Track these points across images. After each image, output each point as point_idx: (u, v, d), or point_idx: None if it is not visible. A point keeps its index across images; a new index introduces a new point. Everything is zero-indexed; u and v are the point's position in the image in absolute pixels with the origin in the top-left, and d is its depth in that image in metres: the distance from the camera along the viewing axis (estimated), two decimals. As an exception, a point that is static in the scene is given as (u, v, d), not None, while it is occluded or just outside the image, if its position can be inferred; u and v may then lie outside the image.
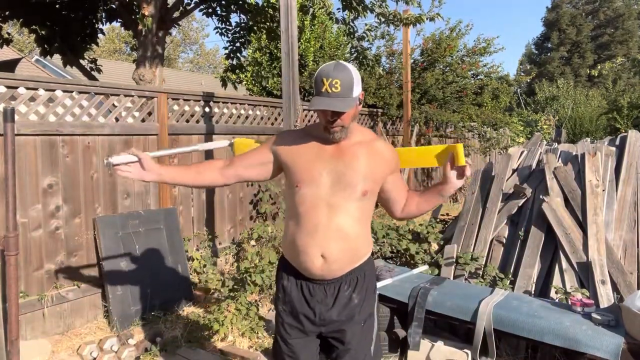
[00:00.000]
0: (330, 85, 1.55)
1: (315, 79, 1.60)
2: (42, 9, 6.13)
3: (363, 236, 1.73)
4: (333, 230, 1.63)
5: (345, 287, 1.70)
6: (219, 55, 35.05)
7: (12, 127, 2.45)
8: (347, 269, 1.70)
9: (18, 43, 22.11)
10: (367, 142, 1.72)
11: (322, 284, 1.69)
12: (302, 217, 1.66)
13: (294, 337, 1.74)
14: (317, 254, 1.64)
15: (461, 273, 3.74)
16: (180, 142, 4.51)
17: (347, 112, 1.59)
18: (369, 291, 1.76)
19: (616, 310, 2.62)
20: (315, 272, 1.66)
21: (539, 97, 19.99)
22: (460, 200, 9.31)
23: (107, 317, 3.69)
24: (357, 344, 1.73)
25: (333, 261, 1.64)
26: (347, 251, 1.67)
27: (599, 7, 30.68)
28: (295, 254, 1.70)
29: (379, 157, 1.72)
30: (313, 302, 1.70)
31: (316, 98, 1.58)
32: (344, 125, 1.62)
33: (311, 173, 1.65)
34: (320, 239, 1.63)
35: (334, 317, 1.69)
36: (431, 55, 9.43)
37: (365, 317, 1.75)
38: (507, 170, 4.05)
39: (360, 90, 1.63)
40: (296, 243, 1.68)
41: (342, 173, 1.64)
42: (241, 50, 7.04)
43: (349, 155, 1.67)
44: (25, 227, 3.35)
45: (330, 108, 1.55)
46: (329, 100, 1.56)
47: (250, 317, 3.41)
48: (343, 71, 1.57)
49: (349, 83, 1.57)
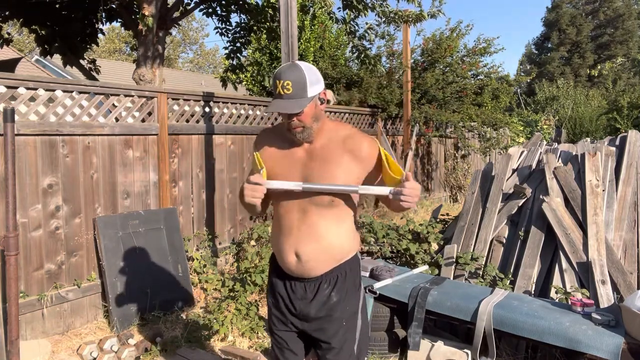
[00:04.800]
0: (282, 87, 1.56)
1: (272, 82, 1.61)
2: (42, 9, 6.13)
3: (342, 235, 1.72)
4: (305, 232, 1.68)
5: (325, 285, 1.73)
6: (219, 55, 35.07)
7: (12, 127, 2.45)
8: (325, 268, 1.71)
9: (18, 43, 22.11)
10: (340, 141, 1.67)
11: (303, 282, 1.74)
12: (280, 218, 1.73)
13: (281, 329, 1.81)
14: (291, 252, 1.70)
15: (461, 273, 3.74)
16: (180, 142, 4.52)
17: (303, 113, 1.58)
18: (350, 290, 1.76)
19: (616, 310, 2.62)
20: (293, 270, 1.72)
21: (539, 97, 19.99)
22: (460, 200, 9.32)
23: (107, 317, 3.69)
24: (338, 343, 1.73)
25: (306, 261, 1.69)
26: (321, 251, 1.68)
27: (599, 7, 30.68)
28: (277, 252, 1.79)
29: (353, 156, 1.65)
30: (294, 299, 1.75)
31: (273, 100, 1.60)
32: (304, 126, 1.62)
33: (285, 179, 1.67)
34: (293, 240, 1.69)
35: (312, 313, 1.73)
36: (431, 56, 9.43)
37: (347, 316, 1.75)
38: (507, 170, 4.05)
39: (319, 90, 1.62)
40: (276, 243, 1.77)
41: (311, 180, 1.65)
42: (241, 50, 7.05)
43: (318, 160, 1.66)
44: (25, 227, 3.35)
45: (281, 110, 1.56)
46: (282, 102, 1.57)
47: (250, 317, 3.41)
48: (295, 72, 1.57)
49: (301, 83, 1.56)
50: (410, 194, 1.54)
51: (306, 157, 1.69)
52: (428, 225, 4.31)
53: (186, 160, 4.59)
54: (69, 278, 3.61)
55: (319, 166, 1.65)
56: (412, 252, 4.07)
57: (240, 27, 6.97)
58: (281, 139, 1.74)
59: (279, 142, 1.74)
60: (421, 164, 9.08)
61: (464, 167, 9.69)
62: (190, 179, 4.64)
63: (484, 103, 10.18)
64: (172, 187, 4.44)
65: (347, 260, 1.76)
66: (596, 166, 3.65)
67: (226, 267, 4.83)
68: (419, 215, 7.28)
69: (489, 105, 10.26)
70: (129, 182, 4.06)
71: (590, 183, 3.58)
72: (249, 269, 3.79)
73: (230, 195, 5.04)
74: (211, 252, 4.66)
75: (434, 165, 9.45)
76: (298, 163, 1.68)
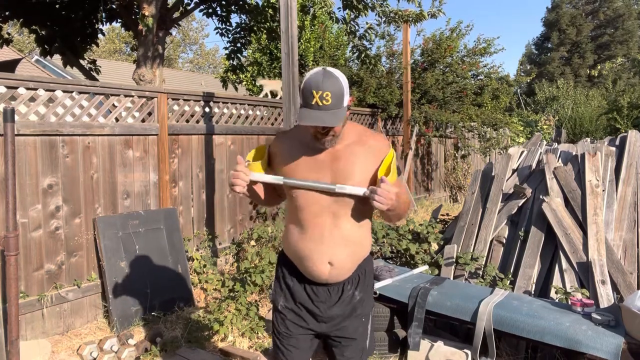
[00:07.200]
0: (320, 97, 1.48)
1: (304, 90, 1.51)
2: (42, 9, 6.13)
3: (365, 238, 1.75)
4: (338, 237, 1.64)
5: (348, 286, 1.73)
6: (219, 55, 35.08)
7: (12, 127, 2.45)
8: (352, 271, 1.73)
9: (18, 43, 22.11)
10: (359, 141, 1.67)
11: (327, 286, 1.72)
12: (306, 224, 1.66)
13: (296, 333, 1.76)
14: (324, 261, 1.65)
15: (461, 273, 3.74)
16: (180, 142, 4.52)
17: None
18: (369, 288, 1.81)
19: (616, 310, 2.62)
20: (322, 277, 1.68)
21: (539, 97, 19.98)
22: (460, 200, 9.32)
23: (107, 317, 3.69)
24: (359, 337, 1.78)
25: (341, 267, 1.67)
26: (352, 256, 1.70)
27: (599, 7, 30.66)
28: (299, 259, 1.71)
29: (372, 155, 1.66)
30: (317, 301, 1.73)
31: (305, 110, 1.51)
32: (335, 134, 1.59)
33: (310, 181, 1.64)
34: (326, 247, 1.64)
35: (338, 312, 1.72)
36: (431, 56, 9.43)
37: (366, 313, 1.79)
38: (507, 170, 4.05)
39: (349, 97, 1.58)
40: (301, 249, 1.69)
41: (337, 181, 1.62)
42: (242, 50, 7.05)
43: (343, 160, 1.64)
44: (25, 227, 3.35)
45: (324, 124, 1.50)
46: (320, 113, 1.49)
47: (250, 317, 3.41)
48: (333, 82, 1.50)
49: (340, 94, 1.51)
50: (383, 195, 1.50)
51: (330, 158, 1.65)
52: (428, 225, 4.31)
53: (186, 161, 4.59)
54: (69, 278, 3.61)
55: (343, 166, 1.63)
56: (412, 252, 4.07)
57: (240, 27, 6.98)
58: (300, 143, 1.68)
59: (298, 146, 1.68)
60: (421, 164, 9.08)
61: (464, 167, 9.69)
62: (190, 179, 4.64)
63: (484, 103, 10.18)
64: (172, 187, 4.44)
65: (366, 258, 1.78)
66: (596, 166, 3.65)
67: (226, 267, 4.83)
68: (419, 215, 7.28)
69: (489, 105, 10.26)
70: (129, 182, 4.06)
71: (590, 183, 3.58)
72: (249, 269, 3.79)
73: (231, 195, 5.04)
74: (211, 252, 4.66)
75: (434, 165, 9.45)
76: (322, 165, 1.64)
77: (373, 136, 1.71)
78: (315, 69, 1.55)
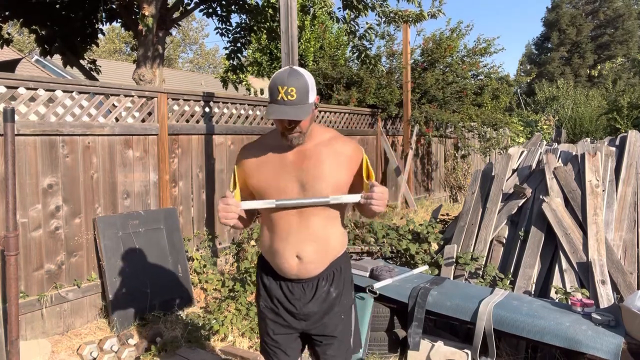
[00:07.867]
0: (285, 92, 1.54)
1: (270, 87, 1.58)
2: (42, 9, 6.13)
3: (336, 234, 1.77)
4: (305, 233, 1.69)
5: (322, 282, 1.76)
6: (219, 55, 35.10)
7: (12, 127, 2.45)
8: (324, 267, 1.75)
9: (18, 43, 22.12)
10: (327, 142, 1.72)
11: (300, 282, 1.75)
12: (275, 223, 1.72)
13: (278, 332, 1.80)
14: (292, 255, 1.70)
15: (461, 273, 3.74)
16: (180, 142, 4.52)
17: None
18: (346, 284, 1.82)
19: (616, 310, 2.62)
20: (292, 272, 1.72)
21: (539, 97, 19.98)
22: (460, 200, 9.32)
23: (107, 317, 3.69)
24: (340, 335, 1.80)
25: (309, 261, 1.70)
26: (321, 251, 1.72)
27: (599, 7, 30.67)
28: (272, 256, 1.77)
29: (342, 157, 1.70)
30: (293, 299, 1.76)
31: (272, 106, 1.57)
32: (301, 131, 1.63)
33: (277, 185, 1.68)
34: (294, 241, 1.69)
35: (314, 309, 1.75)
36: (431, 56, 9.44)
37: (344, 310, 1.81)
38: (507, 170, 4.05)
39: (315, 95, 1.63)
40: (272, 247, 1.75)
41: (307, 181, 1.66)
42: (242, 50, 7.05)
43: (312, 160, 1.67)
44: (25, 227, 3.35)
45: (287, 117, 1.55)
46: (285, 108, 1.55)
47: (250, 317, 3.41)
48: (298, 78, 1.56)
49: (305, 90, 1.56)
50: (379, 198, 1.58)
51: (298, 158, 1.69)
52: (428, 225, 4.31)
53: (186, 160, 4.59)
54: (69, 278, 3.61)
55: (313, 166, 1.67)
56: (412, 252, 4.07)
57: (240, 27, 6.97)
58: (266, 149, 1.73)
59: (264, 152, 1.73)
60: (421, 164, 9.08)
61: (464, 167, 9.69)
62: (190, 179, 4.64)
63: (484, 103, 10.19)
64: (172, 187, 4.44)
65: (340, 256, 1.81)
66: (596, 166, 3.65)
67: (226, 267, 4.82)
68: (419, 215, 7.28)
69: (489, 105, 10.26)
70: (129, 182, 4.06)
71: (590, 183, 3.58)
72: (249, 269, 3.79)
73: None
74: (211, 252, 4.66)
75: (434, 165, 9.45)
76: (291, 166, 1.69)
77: (343, 140, 1.76)
78: (282, 68, 1.63)
